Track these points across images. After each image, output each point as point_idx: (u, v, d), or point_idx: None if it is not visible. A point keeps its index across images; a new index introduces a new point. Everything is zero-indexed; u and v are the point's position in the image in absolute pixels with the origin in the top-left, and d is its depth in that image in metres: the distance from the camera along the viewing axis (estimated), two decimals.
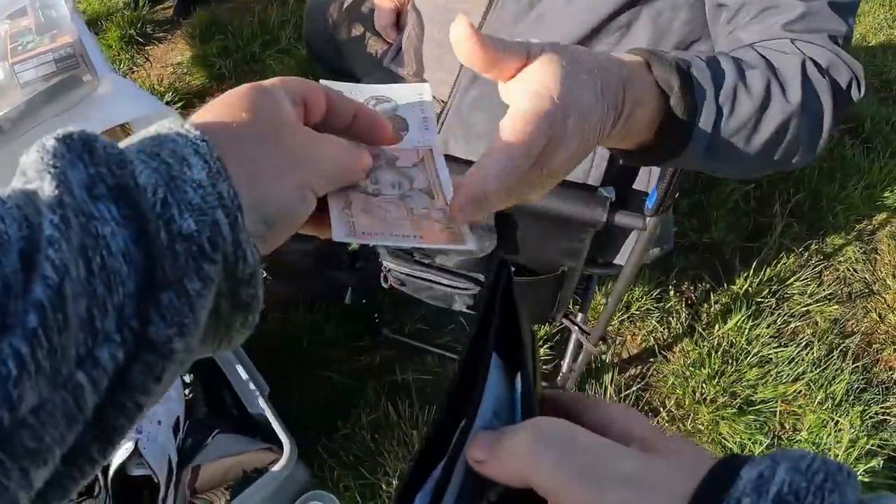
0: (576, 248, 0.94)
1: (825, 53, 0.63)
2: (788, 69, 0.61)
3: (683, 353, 1.48)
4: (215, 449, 1.15)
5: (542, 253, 0.98)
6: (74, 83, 1.02)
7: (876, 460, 1.37)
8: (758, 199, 1.72)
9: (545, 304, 1.12)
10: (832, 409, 1.42)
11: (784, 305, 1.56)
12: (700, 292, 1.57)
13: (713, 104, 0.54)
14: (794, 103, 0.60)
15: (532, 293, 1.06)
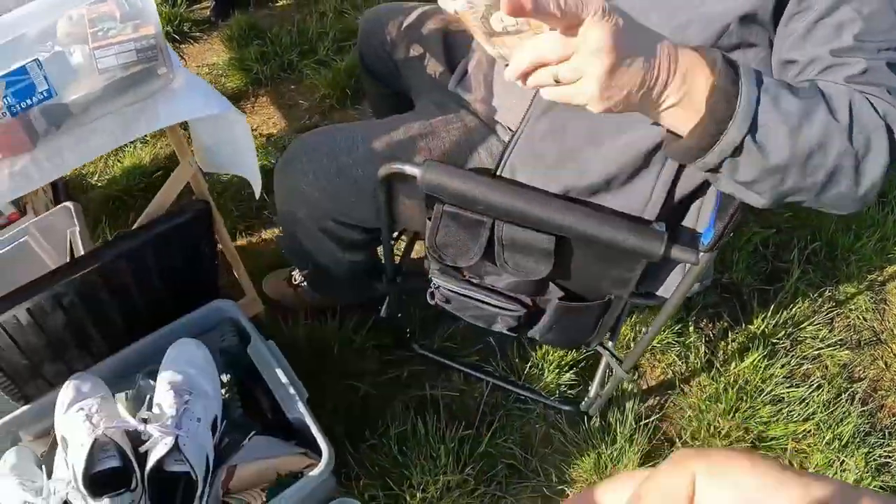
0: (626, 277, 1.03)
1: (882, 103, 0.72)
2: (840, 95, 0.69)
3: (700, 387, 1.57)
4: (252, 450, 1.21)
5: (592, 281, 1.07)
6: (150, 75, 1.05)
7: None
8: (776, 244, 1.82)
9: (585, 330, 1.21)
10: (839, 450, 1.51)
11: (797, 348, 1.66)
12: (718, 330, 1.66)
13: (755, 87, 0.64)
14: (841, 122, 0.67)
15: (575, 319, 1.15)
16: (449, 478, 1.38)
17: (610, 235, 0.92)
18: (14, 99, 0.90)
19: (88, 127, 1.02)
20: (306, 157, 1.16)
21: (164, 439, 1.10)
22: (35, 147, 0.98)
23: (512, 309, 1.15)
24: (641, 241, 0.92)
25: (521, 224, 0.98)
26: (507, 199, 0.93)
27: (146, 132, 1.05)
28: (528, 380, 1.54)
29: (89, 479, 1.06)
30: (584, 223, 0.92)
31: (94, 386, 1.23)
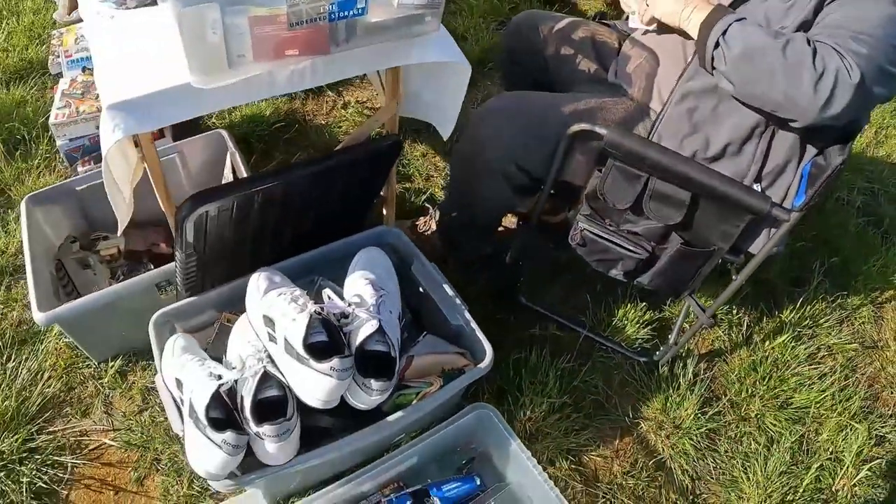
0: (731, 232, 1.48)
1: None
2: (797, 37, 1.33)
3: (741, 358, 2.07)
4: (425, 346, 1.61)
5: (705, 232, 1.51)
6: (420, 21, 1.27)
7: (876, 463, 1.98)
8: (801, 257, 2.37)
9: (685, 278, 1.67)
10: (850, 418, 2.02)
11: (816, 338, 2.17)
12: (754, 317, 2.17)
13: (733, 17, 1.39)
14: (778, 41, 1.32)
15: (684, 265, 1.63)
16: (553, 400, 1.83)
17: (733, 193, 1.39)
18: (338, 7, 1.14)
19: (364, 49, 1.27)
20: (509, 111, 1.63)
21: (370, 321, 1.43)
22: (330, 53, 1.22)
23: (637, 252, 1.63)
24: (754, 200, 1.38)
25: (669, 180, 1.45)
26: (667, 160, 1.41)
27: (396, 64, 1.42)
28: (612, 333, 2.00)
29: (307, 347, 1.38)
30: (718, 182, 1.39)
31: (283, 279, 1.59)
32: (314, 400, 1.36)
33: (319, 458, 1.41)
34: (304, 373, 1.35)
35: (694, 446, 1.87)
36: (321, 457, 1.41)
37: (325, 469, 1.67)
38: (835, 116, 1.30)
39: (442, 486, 1.68)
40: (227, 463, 1.33)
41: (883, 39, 1.28)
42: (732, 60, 1.35)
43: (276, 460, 1.38)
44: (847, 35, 1.29)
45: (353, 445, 1.44)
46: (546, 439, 1.80)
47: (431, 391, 1.56)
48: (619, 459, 1.84)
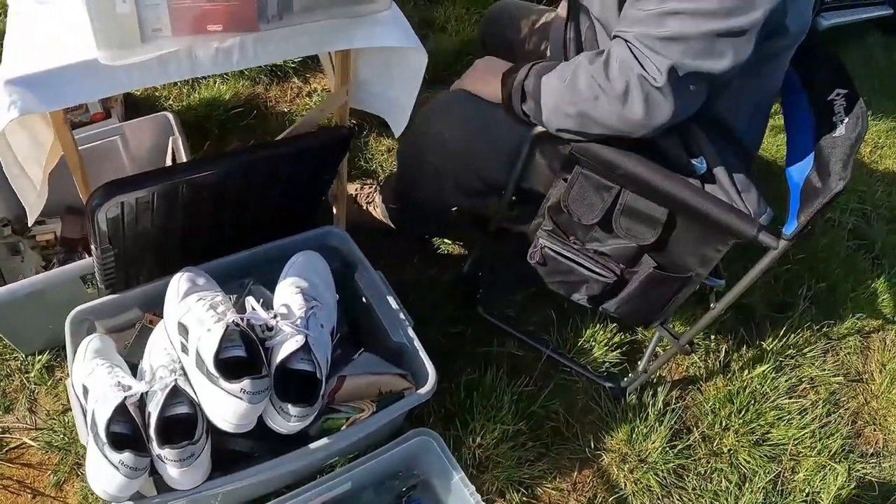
0: (711, 257, 1.39)
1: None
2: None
3: (716, 387, 1.97)
4: (360, 365, 1.49)
5: (682, 255, 1.40)
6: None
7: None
8: (787, 280, 2.27)
9: (657, 306, 1.56)
10: (829, 458, 1.92)
11: (799, 369, 2.08)
12: (733, 343, 2.08)
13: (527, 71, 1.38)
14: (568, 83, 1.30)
15: (655, 292, 1.52)
16: (507, 427, 1.70)
17: (717, 214, 1.28)
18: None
19: (301, 27, 1.18)
20: (456, 108, 1.52)
21: (296, 337, 1.30)
22: (259, 30, 1.12)
23: (604, 274, 1.52)
24: (740, 223, 1.29)
25: (644, 194, 1.34)
26: (644, 171, 1.29)
27: (337, 48, 1.29)
28: (578, 354, 1.88)
29: (218, 363, 1.25)
30: (699, 199, 1.28)
31: (208, 281, 1.46)
32: (224, 423, 1.24)
33: (231, 485, 1.29)
34: (213, 392, 1.23)
35: (659, 482, 1.77)
36: (233, 483, 1.28)
37: (249, 492, 1.55)
38: (670, 119, 1.24)
39: None
40: (126, 485, 1.21)
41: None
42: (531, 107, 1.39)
43: (181, 485, 1.25)
44: (651, 19, 1.19)
45: (270, 473, 1.32)
46: (497, 469, 1.69)
47: (362, 417, 1.44)
48: (577, 493, 1.73)
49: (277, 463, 1.32)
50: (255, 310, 1.35)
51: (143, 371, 1.39)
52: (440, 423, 1.70)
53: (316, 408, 1.33)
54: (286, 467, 1.34)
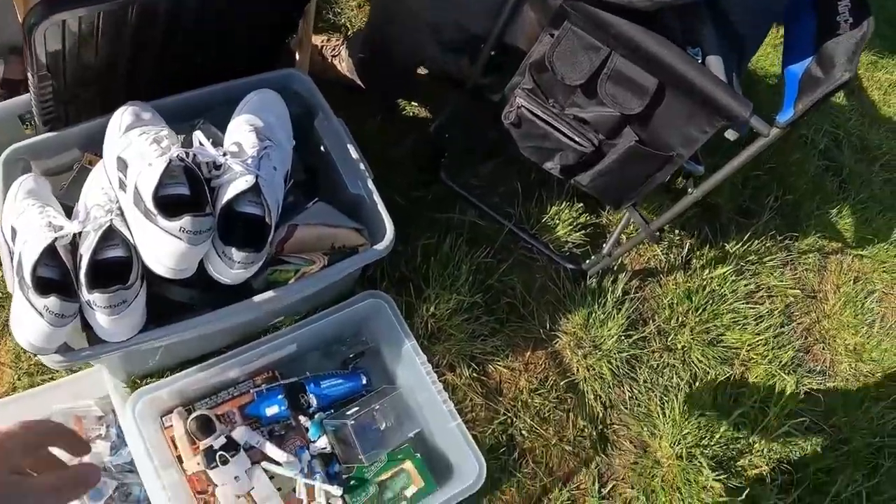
0: (696, 138, 1.31)
1: None
2: None
3: (676, 283, 1.95)
4: (315, 214, 1.39)
5: (666, 131, 1.35)
6: None
7: (799, 421, 1.91)
8: (756, 187, 2.26)
9: (632, 184, 1.50)
10: (779, 368, 1.95)
11: (759, 276, 2.10)
12: (697, 241, 2.07)
13: None
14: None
15: (632, 168, 1.47)
16: (463, 298, 1.65)
17: (711, 88, 1.21)
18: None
19: None
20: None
21: (245, 177, 1.20)
22: None
23: (581, 143, 1.46)
24: (733, 101, 1.22)
25: (636, 61, 1.27)
26: (638, 33, 1.22)
27: None
28: (540, 231, 1.83)
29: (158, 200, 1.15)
30: (694, 71, 1.22)
31: (154, 116, 1.34)
32: (161, 266, 1.14)
33: (166, 338, 1.20)
34: (151, 231, 1.12)
35: (612, 371, 1.76)
36: (168, 336, 1.20)
37: (188, 349, 1.47)
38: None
39: (321, 382, 1.51)
40: (50, 334, 1.11)
41: None
42: None
43: (112, 336, 1.17)
44: None
45: (209, 326, 1.24)
46: (449, 341, 1.65)
47: (312, 270, 1.36)
48: (528, 374, 1.71)
49: (218, 315, 1.23)
50: (202, 145, 1.24)
51: (78, 212, 1.27)
52: (393, 289, 1.64)
53: (262, 255, 1.23)
54: (228, 320, 1.25)
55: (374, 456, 1.46)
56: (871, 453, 1.98)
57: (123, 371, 1.48)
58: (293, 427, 1.48)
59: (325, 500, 1.40)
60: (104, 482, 1.41)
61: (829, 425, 1.96)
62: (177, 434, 1.39)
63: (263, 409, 1.46)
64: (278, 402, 1.46)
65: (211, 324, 1.25)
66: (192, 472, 1.38)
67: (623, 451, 1.76)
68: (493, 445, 1.64)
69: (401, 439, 1.50)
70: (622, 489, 1.74)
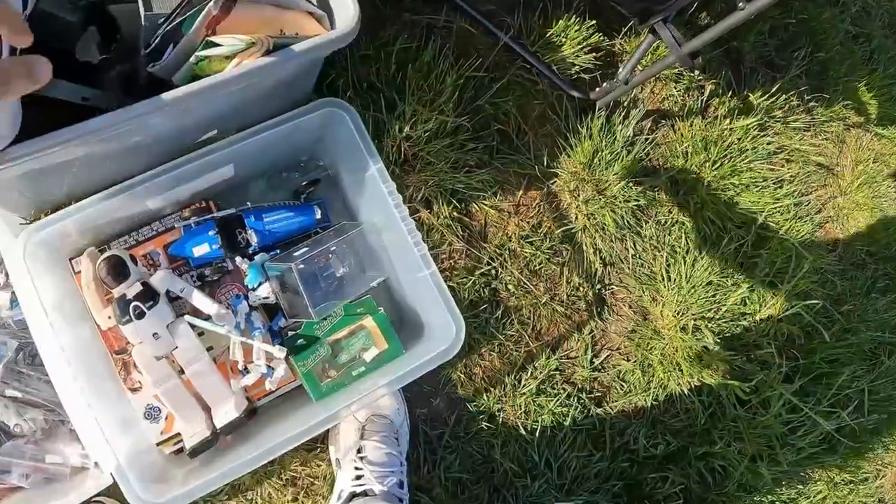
0: None
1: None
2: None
3: (693, 130, 1.72)
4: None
5: None
6: None
7: (810, 304, 1.74)
8: (783, 39, 2.03)
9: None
10: (797, 242, 1.77)
11: (780, 137, 1.89)
12: (717, 86, 1.83)
13: None
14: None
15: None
16: (446, 118, 1.40)
17: None
18: None
19: None
20: None
21: None
22: None
23: None
24: None
25: None
26: None
27: None
28: (543, 50, 1.57)
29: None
30: None
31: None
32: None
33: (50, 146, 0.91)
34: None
35: (615, 221, 1.55)
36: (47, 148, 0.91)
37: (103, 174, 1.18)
38: None
39: (264, 215, 1.26)
40: None
41: None
42: None
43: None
44: None
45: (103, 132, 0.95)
46: (427, 170, 1.40)
47: (251, 53, 1.06)
48: (519, 217, 1.48)
49: (118, 116, 0.94)
50: None
51: None
52: (360, 101, 1.37)
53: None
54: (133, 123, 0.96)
55: (327, 309, 1.24)
56: (873, 348, 1.89)
57: (21, 203, 1.20)
58: (228, 271, 1.24)
59: (264, 363, 1.17)
60: (3, 341, 1.17)
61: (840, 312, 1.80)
62: (84, 280, 1.13)
63: (191, 248, 1.21)
64: (209, 240, 1.21)
65: (109, 127, 0.95)
66: (106, 327, 1.14)
67: (620, 317, 1.57)
68: (474, 301, 1.43)
69: (361, 289, 1.27)
70: (617, 360, 1.55)
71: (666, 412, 1.56)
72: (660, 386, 1.56)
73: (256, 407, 1.22)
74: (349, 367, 1.25)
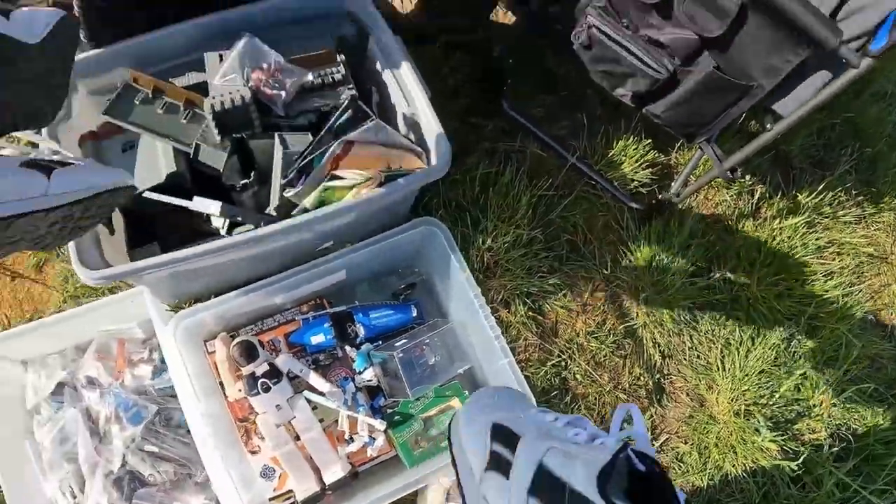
0: (779, 67, 1.29)
1: None
2: None
3: (745, 231, 1.92)
4: (371, 132, 1.41)
5: (746, 59, 1.33)
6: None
7: (863, 387, 1.88)
8: (830, 138, 2.23)
9: (708, 115, 1.48)
10: (846, 329, 1.94)
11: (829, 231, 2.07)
12: (767, 189, 2.03)
13: None
14: None
15: (707, 96, 1.44)
16: (522, 231, 1.65)
17: (800, 13, 1.18)
18: None
19: None
20: None
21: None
22: None
23: (656, 69, 1.44)
24: (822, 27, 1.19)
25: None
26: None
27: None
28: (605, 168, 1.82)
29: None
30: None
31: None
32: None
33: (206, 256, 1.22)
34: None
35: (673, 318, 1.75)
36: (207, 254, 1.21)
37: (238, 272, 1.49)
38: None
39: (370, 312, 1.52)
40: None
41: None
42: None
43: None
44: None
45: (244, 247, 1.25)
46: (505, 276, 1.65)
47: (367, 185, 1.34)
48: (586, 315, 1.71)
49: (263, 233, 1.24)
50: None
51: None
52: (449, 219, 1.64)
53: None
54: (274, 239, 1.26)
55: (421, 391, 1.48)
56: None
57: (168, 294, 1.50)
58: (339, 357, 1.50)
59: (367, 434, 1.42)
60: (145, 406, 1.44)
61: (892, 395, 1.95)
62: (219, 359, 1.41)
63: (309, 337, 1.48)
64: (324, 331, 1.48)
65: (255, 242, 1.25)
66: (233, 398, 1.40)
67: (678, 404, 1.76)
68: (546, 388, 1.65)
69: (450, 375, 1.52)
70: (675, 443, 1.74)
71: (721, 491, 1.73)
72: (715, 467, 1.73)
73: (358, 471, 1.45)
74: (438, 440, 1.48)
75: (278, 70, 1.39)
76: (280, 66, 1.39)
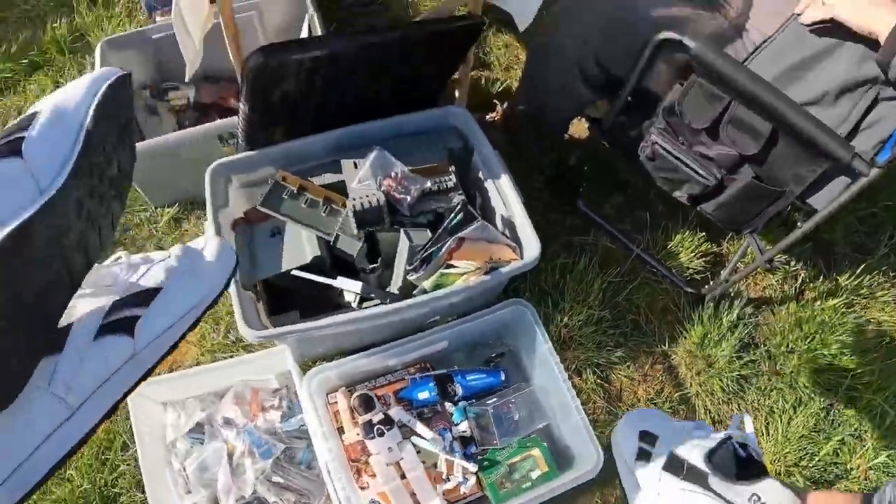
0: (805, 176, 1.59)
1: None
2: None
3: (788, 311, 2.21)
4: (478, 231, 1.76)
5: (779, 170, 1.63)
6: None
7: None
8: (872, 224, 2.50)
9: (750, 214, 1.79)
10: (883, 400, 2.19)
11: (868, 311, 2.33)
12: (810, 274, 2.32)
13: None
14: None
15: (749, 201, 1.73)
16: (593, 311, 1.99)
17: (816, 134, 1.49)
18: None
19: None
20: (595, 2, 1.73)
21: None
22: None
23: (705, 177, 1.75)
24: (837, 146, 1.49)
25: (752, 108, 1.55)
26: (755, 87, 1.50)
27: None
28: (665, 257, 2.16)
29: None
30: (802, 120, 1.49)
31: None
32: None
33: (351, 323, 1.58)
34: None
35: (722, 388, 2.04)
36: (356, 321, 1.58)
37: (358, 338, 1.85)
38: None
39: (466, 375, 1.86)
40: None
41: None
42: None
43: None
44: None
45: (379, 318, 1.61)
46: (578, 349, 1.97)
47: (475, 273, 1.69)
48: (646, 384, 2.01)
49: (398, 308, 1.60)
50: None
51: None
52: (534, 301, 1.97)
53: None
54: (404, 313, 1.62)
55: (508, 441, 1.81)
56: None
57: (299, 352, 1.85)
58: (439, 411, 1.83)
59: (461, 475, 1.74)
60: (275, 444, 1.77)
61: None
62: (340, 408, 1.75)
63: (416, 394, 1.82)
64: (429, 389, 1.82)
65: (392, 314, 1.61)
66: (349, 442, 1.74)
67: None
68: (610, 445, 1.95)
69: (531, 429, 1.84)
70: None
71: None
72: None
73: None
74: (520, 482, 1.79)
75: (404, 178, 1.74)
76: (405, 175, 1.75)
